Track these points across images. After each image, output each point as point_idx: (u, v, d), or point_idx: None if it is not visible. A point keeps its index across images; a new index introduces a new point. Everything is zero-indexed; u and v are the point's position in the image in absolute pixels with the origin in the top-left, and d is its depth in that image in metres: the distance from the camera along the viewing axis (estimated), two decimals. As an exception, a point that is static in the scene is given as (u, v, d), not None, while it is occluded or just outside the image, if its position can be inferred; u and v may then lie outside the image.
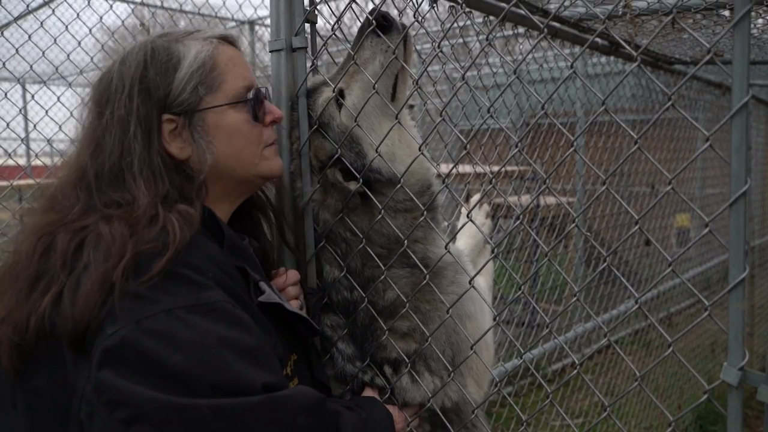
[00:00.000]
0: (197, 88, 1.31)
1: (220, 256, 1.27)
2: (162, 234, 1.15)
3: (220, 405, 1.04)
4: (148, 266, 1.10)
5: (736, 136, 1.04)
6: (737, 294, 1.06)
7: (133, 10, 4.91)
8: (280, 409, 1.11)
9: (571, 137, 1.26)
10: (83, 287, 1.07)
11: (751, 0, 1.02)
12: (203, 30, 1.41)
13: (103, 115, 1.29)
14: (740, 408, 1.10)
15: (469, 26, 2.29)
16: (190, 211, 1.23)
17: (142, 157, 1.25)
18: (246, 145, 1.39)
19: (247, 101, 1.39)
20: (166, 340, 1.05)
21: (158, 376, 1.03)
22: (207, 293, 1.15)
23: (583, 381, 3.86)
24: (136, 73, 1.29)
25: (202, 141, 1.33)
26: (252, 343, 1.15)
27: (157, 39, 1.35)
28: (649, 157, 1.14)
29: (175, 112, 1.31)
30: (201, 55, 1.33)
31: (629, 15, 2.46)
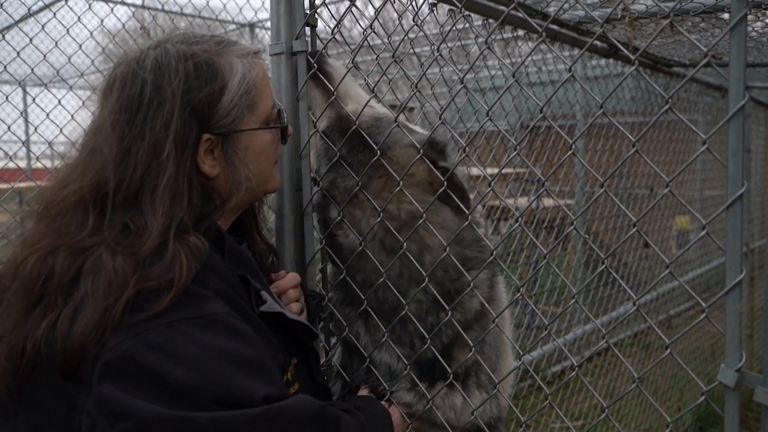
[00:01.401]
0: (243, 111, 1.30)
1: (220, 266, 1.26)
2: (168, 271, 1.11)
3: (222, 418, 1.04)
4: (151, 303, 1.08)
5: (732, 139, 1.04)
6: (734, 296, 1.07)
7: (134, 13, 4.92)
8: (281, 420, 1.11)
9: (570, 140, 1.26)
10: (80, 321, 1.05)
11: (747, 4, 1.03)
12: (235, 42, 1.36)
13: (132, 126, 1.20)
14: (737, 409, 1.11)
15: (468, 29, 2.29)
16: (200, 245, 1.18)
17: (170, 178, 1.19)
18: (267, 164, 1.41)
19: (282, 126, 1.42)
20: (167, 353, 1.05)
21: (159, 389, 1.03)
22: (208, 305, 1.14)
23: (582, 383, 3.86)
24: (178, 87, 1.21)
25: (235, 161, 1.31)
26: (253, 354, 1.15)
27: (194, 48, 1.28)
28: (647, 159, 1.14)
29: (215, 132, 1.28)
30: (246, 78, 1.30)
31: (628, 18, 2.47)
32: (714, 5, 2.27)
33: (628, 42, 2.74)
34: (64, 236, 1.16)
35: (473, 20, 2.44)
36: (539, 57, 3.73)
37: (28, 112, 6.68)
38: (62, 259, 1.12)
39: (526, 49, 2.93)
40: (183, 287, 1.10)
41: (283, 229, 1.71)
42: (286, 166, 1.69)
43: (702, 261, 6.09)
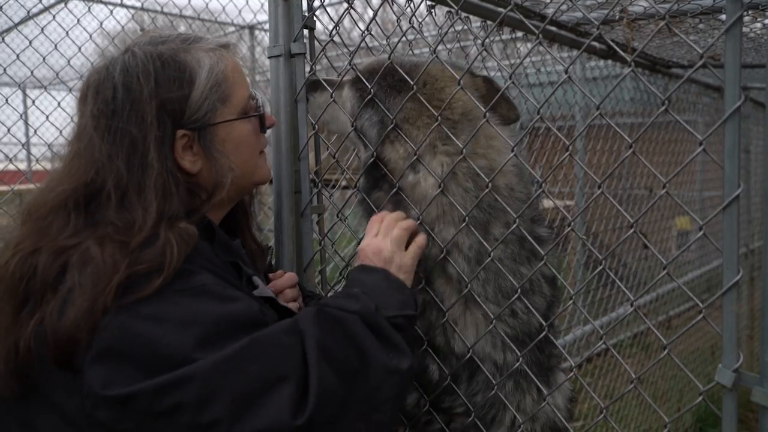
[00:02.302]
0: (214, 104, 1.31)
1: (209, 252, 1.28)
2: (160, 255, 1.13)
3: (215, 357, 1.07)
4: (142, 285, 1.10)
5: (729, 141, 1.05)
6: (731, 297, 1.07)
7: (133, 15, 4.93)
8: (263, 339, 1.13)
9: (567, 141, 1.27)
10: (69, 312, 1.06)
11: (742, 6, 1.03)
12: (203, 38, 1.39)
13: (110, 130, 1.23)
14: (735, 409, 1.11)
15: (466, 30, 2.30)
16: (190, 230, 1.21)
17: (156, 177, 1.22)
18: (250, 155, 1.41)
19: (257, 114, 1.41)
20: (158, 321, 1.08)
21: (154, 358, 1.06)
22: (196, 278, 1.17)
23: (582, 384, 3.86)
24: (147, 86, 1.24)
25: (215, 155, 1.32)
26: (244, 309, 1.18)
27: (161, 47, 1.30)
28: (644, 161, 1.15)
29: (189, 128, 1.29)
30: (215, 70, 1.32)
31: (626, 19, 2.47)
32: (711, 6, 2.27)
33: (627, 43, 2.74)
34: (45, 237, 1.18)
35: (472, 22, 2.45)
36: (538, 58, 3.73)
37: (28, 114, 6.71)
38: (44, 258, 1.13)
39: (525, 50, 2.94)
40: (173, 270, 1.13)
41: (282, 230, 1.71)
42: (285, 167, 1.70)
43: (702, 261, 6.09)
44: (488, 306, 1.43)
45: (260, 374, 1.09)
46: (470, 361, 1.45)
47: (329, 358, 1.16)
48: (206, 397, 1.05)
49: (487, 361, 1.44)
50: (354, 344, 1.21)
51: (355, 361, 1.20)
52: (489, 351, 1.45)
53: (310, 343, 1.16)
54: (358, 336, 1.22)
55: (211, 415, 1.04)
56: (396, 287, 1.36)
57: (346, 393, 1.16)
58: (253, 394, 1.08)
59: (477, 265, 1.44)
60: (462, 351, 1.45)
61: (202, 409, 1.05)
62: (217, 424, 1.05)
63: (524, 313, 1.45)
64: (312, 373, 1.12)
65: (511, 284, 1.43)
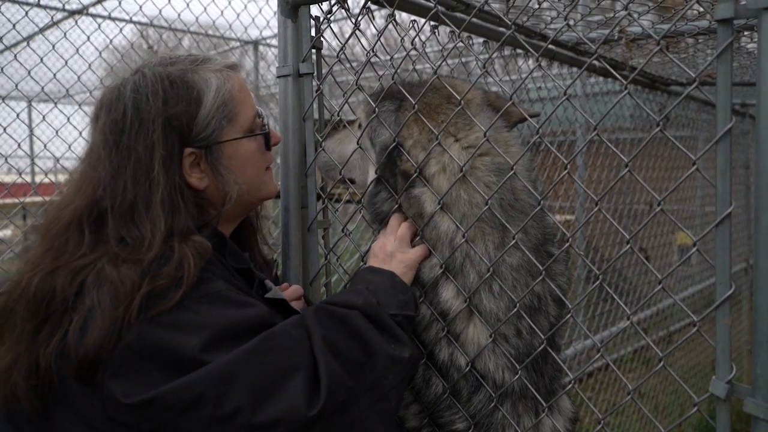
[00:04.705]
0: (221, 123, 1.36)
1: (221, 262, 1.34)
2: (178, 269, 1.18)
3: (234, 354, 1.12)
4: (162, 300, 1.14)
5: (720, 160, 1.09)
6: (724, 311, 1.11)
7: (142, 33, 5.01)
8: (275, 334, 1.19)
9: (565, 160, 1.31)
10: (92, 331, 1.10)
11: (732, 32, 1.08)
12: (210, 59, 1.43)
13: (119, 147, 1.28)
14: (728, 420, 1.15)
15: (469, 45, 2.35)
16: (204, 243, 1.26)
17: (163, 193, 1.26)
18: (256, 172, 1.46)
19: (263, 132, 1.46)
20: (179, 328, 1.13)
21: (178, 364, 1.10)
22: (210, 285, 1.22)
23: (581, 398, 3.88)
24: (155, 105, 1.29)
25: (222, 171, 1.37)
26: (260, 316, 1.23)
27: (170, 68, 1.36)
28: (639, 179, 1.19)
29: (197, 146, 1.34)
30: (222, 90, 1.37)
31: (625, 39, 2.53)
32: (707, 28, 2.33)
33: (625, 62, 2.80)
34: (63, 255, 1.22)
35: (474, 40, 2.50)
36: (539, 74, 3.79)
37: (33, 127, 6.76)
38: (62, 279, 1.17)
39: (526, 67, 2.99)
40: (192, 284, 1.18)
41: (288, 244, 1.75)
42: (292, 183, 1.74)
43: (703, 276, 6.11)
44: (495, 325, 1.44)
45: (275, 365, 1.15)
46: (472, 378, 1.47)
47: (335, 352, 1.21)
48: (225, 390, 1.09)
49: (488, 380, 1.46)
50: (357, 338, 1.26)
51: (360, 353, 1.25)
52: (492, 369, 1.46)
53: (315, 339, 1.22)
54: (361, 330, 1.27)
55: (231, 405, 1.09)
56: (399, 289, 1.42)
57: (354, 384, 1.20)
58: (270, 383, 1.13)
59: (489, 278, 1.44)
60: (465, 367, 1.48)
61: (222, 402, 1.09)
62: (238, 414, 1.09)
63: (528, 333, 1.46)
64: (320, 366, 1.17)
65: (523, 300, 1.44)
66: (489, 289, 1.45)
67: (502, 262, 1.45)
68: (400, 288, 1.43)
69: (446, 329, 1.47)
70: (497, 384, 1.45)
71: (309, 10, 1.73)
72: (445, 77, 1.62)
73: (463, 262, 1.46)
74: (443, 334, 1.47)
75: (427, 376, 1.52)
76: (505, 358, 1.45)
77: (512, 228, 1.42)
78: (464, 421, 1.47)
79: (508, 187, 1.46)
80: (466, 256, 1.46)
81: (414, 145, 1.53)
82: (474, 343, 1.46)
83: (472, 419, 1.46)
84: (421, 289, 1.51)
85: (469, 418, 1.46)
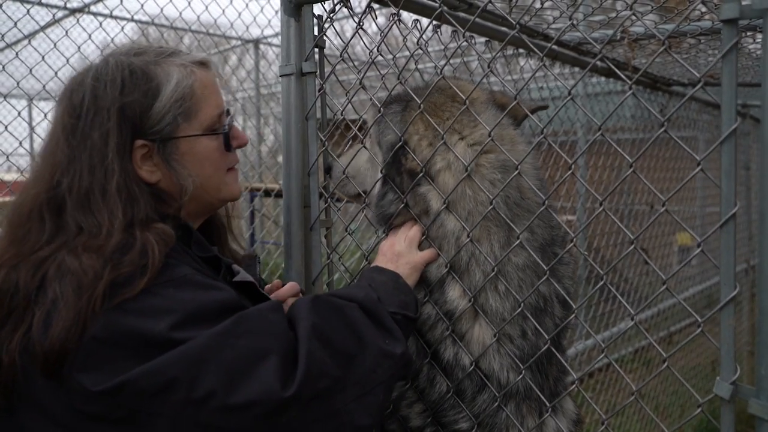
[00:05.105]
0: (176, 118, 1.33)
1: (185, 252, 1.32)
2: (142, 256, 1.16)
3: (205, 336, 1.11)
4: (127, 287, 1.13)
5: (725, 161, 1.09)
6: (728, 311, 1.11)
7: (143, 31, 5.01)
8: (250, 315, 1.18)
9: (569, 160, 1.31)
10: (56, 324, 1.08)
11: (737, 33, 1.08)
12: (179, 52, 1.40)
13: (75, 133, 1.27)
14: (733, 421, 1.15)
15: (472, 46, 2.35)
16: (167, 230, 1.25)
17: (118, 181, 1.25)
18: (214, 171, 1.42)
19: (223, 132, 1.41)
20: (146, 313, 1.11)
21: (147, 347, 1.09)
22: (176, 270, 1.21)
23: (583, 398, 3.88)
24: (113, 93, 1.28)
25: (177, 168, 1.34)
26: (226, 296, 1.22)
27: (134, 58, 1.34)
28: (644, 180, 1.19)
29: (150, 139, 1.31)
30: (181, 84, 1.33)
31: (627, 39, 2.53)
32: (711, 28, 2.33)
33: (627, 62, 2.80)
34: (25, 245, 1.21)
35: (476, 39, 2.50)
36: (541, 74, 3.78)
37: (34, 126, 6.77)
38: (24, 273, 1.16)
39: (527, 65, 2.99)
40: (156, 271, 1.16)
41: (291, 243, 1.75)
42: (295, 183, 1.74)
43: (703, 277, 6.11)
44: (500, 325, 1.44)
45: (249, 347, 1.13)
46: (477, 378, 1.47)
47: (324, 341, 1.20)
48: (199, 373, 1.08)
49: (493, 380, 1.46)
50: (351, 329, 1.26)
51: (352, 345, 1.24)
52: (497, 369, 1.46)
53: (303, 324, 1.21)
54: (356, 322, 1.27)
55: (204, 388, 1.07)
56: (402, 289, 1.42)
57: (340, 374, 1.19)
58: (244, 365, 1.11)
59: (494, 277, 1.44)
60: (469, 366, 1.48)
61: (195, 385, 1.07)
62: (212, 396, 1.07)
63: (533, 334, 1.46)
64: (301, 351, 1.16)
65: (529, 300, 1.44)
66: (495, 289, 1.45)
67: (507, 262, 1.44)
68: (403, 289, 1.43)
69: (451, 329, 1.47)
70: (501, 384, 1.45)
71: (312, 9, 1.72)
72: (449, 78, 1.62)
73: (469, 262, 1.46)
74: (448, 334, 1.47)
75: (431, 375, 1.51)
76: (510, 359, 1.45)
77: (518, 227, 1.41)
78: (468, 420, 1.47)
79: (514, 185, 1.46)
80: (471, 256, 1.46)
81: (419, 142, 1.53)
82: (479, 342, 1.46)
83: (475, 419, 1.46)
84: (427, 288, 1.51)
85: (473, 417, 1.46)
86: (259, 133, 7.56)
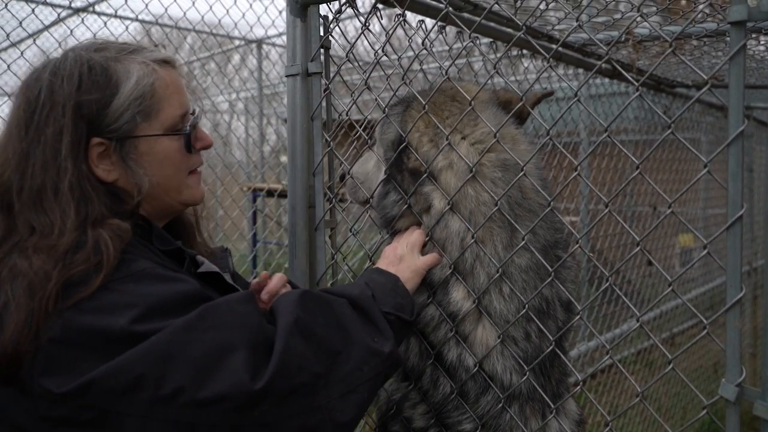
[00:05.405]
0: (135, 116, 1.28)
1: (146, 245, 1.29)
2: (96, 253, 1.13)
3: (170, 331, 1.08)
4: (82, 286, 1.10)
5: (732, 163, 1.09)
6: (734, 313, 1.11)
7: (147, 31, 5.01)
8: (217, 307, 1.15)
9: (575, 161, 1.31)
10: (7, 327, 1.06)
11: (745, 35, 1.08)
12: (142, 50, 1.36)
13: (29, 129, 1.24)
14: (738, 423, 1.15)
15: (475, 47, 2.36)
16: (122, 225, 1.21)
17: (71, 179, 1.21)
18: (174, 172, 1.38)
19: (184, 133, 1.37)
20: (105, 310, 1.09)
21: (108, 343, 1.06)
22: (133, 264, 1.17)
23: (586, 400, 3.88)
24: (69, 89, 1.24)
25: (134, 167, 1.30)
26: (188, 288, 1.18)
27: (94, 54, 1.29)
28: (650, 181, 1.19)
29: (107, 137, 1.27)
30: (141, 82, 1.29)
31: (632, 41, 2.53)
32: (716, 30, 2.33)
33: (632, 63, 2.80)
34: None
35: (480, 41, 2.50)
36: (545, 75, 3.78)
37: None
38: None
39: (532, 67, 2.99)
40: (112, 266, 1.13)
41: (295, 243, 1.75)
42: (300, 183, 1.74)
43: (705, 279, 6.11)
44: (504, 327, 1.44)
45: (217, 341, 1.10)
46: (480, 379, 1.47)
47: (308, 336, 1.18)
48: (166, 369, 1.06)
49: (496, 381, 1.46)
50: (338, 325, 1.24)
51: (338, 341, 1.22)
52: (500, 371, 1.46)
53: (286, 318, 1.18)
54: (344, 318, 1.26)
55: (172, 385, 1.05)
56: (400, 293, 1.41)
57: (323, 370, 1.17)
58: (211, 359, 1.08)
59: (499, 279, 1.44)
60: (473, 368, 1.48)
61: (162, 382, 1.05)
62: (181, 393, 1.06)
63: (537, 336, 1.46)
64: (278, 344, 1.13)
65: (532, 303, 1.44)
66: (499, 291, 1.45)
67: (511, 263, 1.44)
68: (401, 292, 1.42)
69: (455, 330, 1.47)
70: (504, 386, 1.45)
71: (318, 10, 1.72)
72: (453, 79, 1.62)
73: (474, 263, 1.46)
74: (452, 335, 1.48)
75: (435, 376, 1.52)
76: (513, 361, 1.45)
77: (520, 227, 1.42)
78: (472, 421, 1.47)
79: (515, 185, 1.45)
80: (476, 257, 1.46)
81: (420, 139, 1.53)
82: (482, 344, 1.46)
83: (479, 420, 1.46)
84: (430, 289, 1.51)
85: (477, 419, 1.46)
86: (261, 133, 7.57)
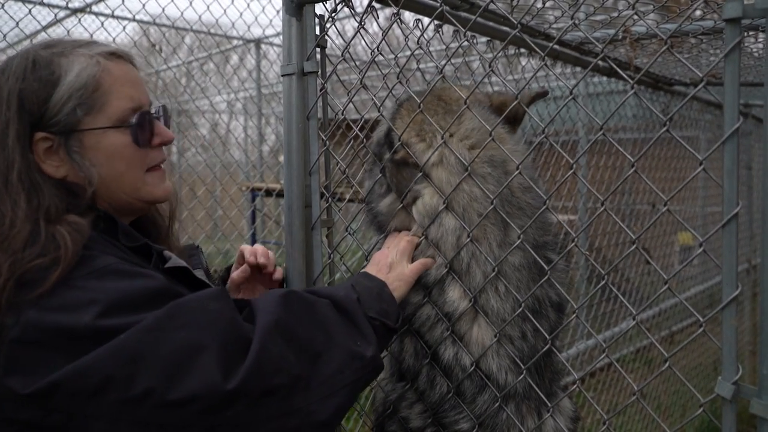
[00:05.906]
0: (75, 109, 1.26)
1: (110, 241, 1.27)
2: (50, 248, 1.12)
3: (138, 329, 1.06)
4: (40, 281, 1.08)
5: (728, 161, 1.09)
6: (730, 311, 1.11)
7: (145, 31, 5.01)
8: (188, 303, 1.14)
9: (571, 160, 1.31)
10: None
11: (740, 32, 1.08)
12: (92, 44, 1.35)
13: None
14: (734, 421, 1.15)
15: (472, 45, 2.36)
16: (80, 221, 1.20)
17: (20, 170, 1.21)
18: (127, 168, 1.34)
19: (131, 125, 1.32)
20: (69, 309, 1.07)
21: (74, 341, 1.05)
22: (97, 261, 1.16)
23: (584, 398, 3.88)
24: (14, 84, 1.24)
25: (80, 161, 1.28)
26: (156, 284, 1.17)
27: (42, 50, 1.29)
28: (646, 180, 1.19)
29: (51, 131, 1.26)
30: (83, 74, 1.27)
31: (629, 39, 2.52)
32: (712, 28, 2.32)
33: (629, 62, 2.80)
34: None
35: (477, 40, 2.50)
36: (542, 73, 3.78)
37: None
38: None
39: (529, 66, 2.99)
40: (72, 261, 1.12)
41: (292, 243, 1.75)
42: (296, 182, 1.74)
43: (705, 277, 6.11)
44: (500, 326, 1.44)
45: (186, 339, 1.08)
46: (477, 379, 1.47)
47: (288, 337, 1.17)
48: (135, 370, 1.04)
49: (492, 381, 1.46)
50: (321, 327, 1.24)
51: (319, 343, 1.21)
52: (495, 371, 1.46)
53: (266, 318, 1.17)
54: (327, 320, 1.25)
55: (142, 386, 1.04)
56: (386, 299, 1.39)
57: (302, 372, 1.16)
58: (182, 359, 1.07)
59: (494, 278, 1.44)
60: (469, 367, 1.48)
61: (131, 383, 1.04)
62: (151, 394, 1.04)
63: (532, 335, 1.47)
64: (254, 345, 1.12)
65: (527, 302, 1.44)
66: (495, 290, 1.46)
67: (505, 262, 1.45)
68: (387, 298, 1.40)
69: (451, 329, 1.47)
70: (500, 385, 1.46)
71: (314, 9, 1.72)
72: (447, 81, 1.65)
73: (470, 262, 1.46)
74: (448, 334, 1.48)
75: (431, 376, 1.52)
76: (508, 360, 1.45)
77: (514, 222, 1.43)
78: (469, 420, 1.47)
79: (503, 182, 1.46)
80: (472, 256, 1.46)
81: (408, 132, 1.56)
82: (478, 343, 1.46)
83: (476, 419, 1.46)
84: (426, 289, 1.51)
85: (474, 418, 1.46)
86: (260, 133, 7.56)
